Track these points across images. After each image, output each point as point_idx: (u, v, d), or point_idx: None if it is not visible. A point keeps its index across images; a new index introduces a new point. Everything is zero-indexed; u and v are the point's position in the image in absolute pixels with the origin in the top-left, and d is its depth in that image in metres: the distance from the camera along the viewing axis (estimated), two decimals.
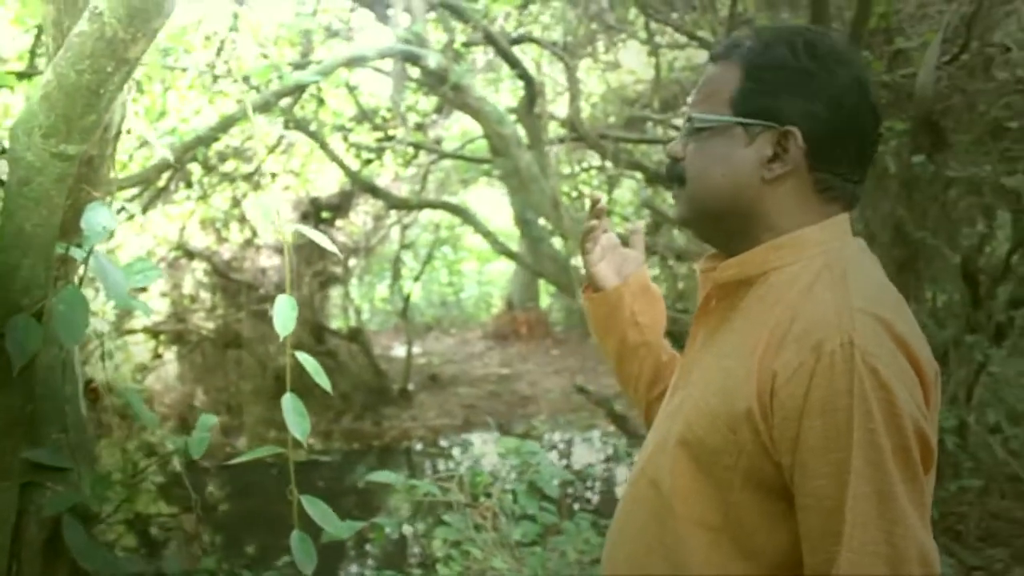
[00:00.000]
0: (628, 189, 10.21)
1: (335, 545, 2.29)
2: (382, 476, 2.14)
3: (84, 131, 1.23)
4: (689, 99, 1.27)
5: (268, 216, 1.38)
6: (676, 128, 6.72)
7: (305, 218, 7.86)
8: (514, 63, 4.84)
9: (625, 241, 1.51)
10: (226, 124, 4.19)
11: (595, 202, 1.44)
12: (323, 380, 1.44)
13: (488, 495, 2.43)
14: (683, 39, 6.86)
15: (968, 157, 4.33)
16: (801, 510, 1.08)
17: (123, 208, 1.36)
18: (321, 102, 6.75)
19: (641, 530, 1.24)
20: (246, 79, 5.76)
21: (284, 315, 1.38)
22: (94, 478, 1.41)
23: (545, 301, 13.99)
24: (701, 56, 7.80)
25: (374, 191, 6.95)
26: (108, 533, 3.84)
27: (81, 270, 1.36)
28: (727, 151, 1.19)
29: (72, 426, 1.44)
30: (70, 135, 1.21)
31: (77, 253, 1.35)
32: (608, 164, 8.15)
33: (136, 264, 1.45)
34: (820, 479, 1.05)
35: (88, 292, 1.36)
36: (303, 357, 1.42)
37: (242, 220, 7.87)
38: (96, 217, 1.27)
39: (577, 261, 6.15)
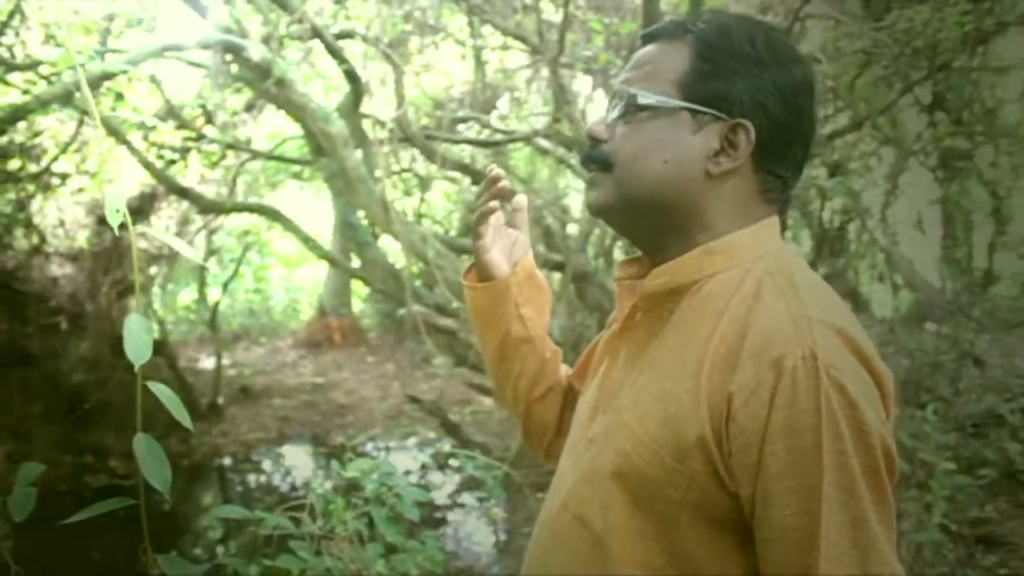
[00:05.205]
0: (439, 192, 10.15)
1: None
2: (228, 511, 1.91)
3: None
4: (619, 78, 1.14)
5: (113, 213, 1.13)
6: (500, 131, 6.68)
7: (102, 222, 7.22)
8: (341, 59, 4.60)
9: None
10: (17, 115, 3.70)
11: (495, 179, 1.25)
12: (183, 416, 1.21)
13: (344, 523, 2.24)
14: (499, 42, 6.83)
15: None
16: (765, 544, 0.97)
17: None
18: (120, 96, 6.21)
19: (566, 572, 1.11)
20: (34, 67, 5.20)
21: (136, 339, 1.14)
22: None
23: (357, 306, 13.65)
24: (516, 59, 7.83)
25: (183, 193, 6.46)
26: None
27: None
28: (671, 136, 1.07)
29: None
30: None
31: None
32: (418, 166, 8.02)
33: None
34: (787, 508, 0.95)
35: None
36: (158, 388, 1.18)
37: (28, 225, 7.14)
38: None
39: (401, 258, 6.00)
